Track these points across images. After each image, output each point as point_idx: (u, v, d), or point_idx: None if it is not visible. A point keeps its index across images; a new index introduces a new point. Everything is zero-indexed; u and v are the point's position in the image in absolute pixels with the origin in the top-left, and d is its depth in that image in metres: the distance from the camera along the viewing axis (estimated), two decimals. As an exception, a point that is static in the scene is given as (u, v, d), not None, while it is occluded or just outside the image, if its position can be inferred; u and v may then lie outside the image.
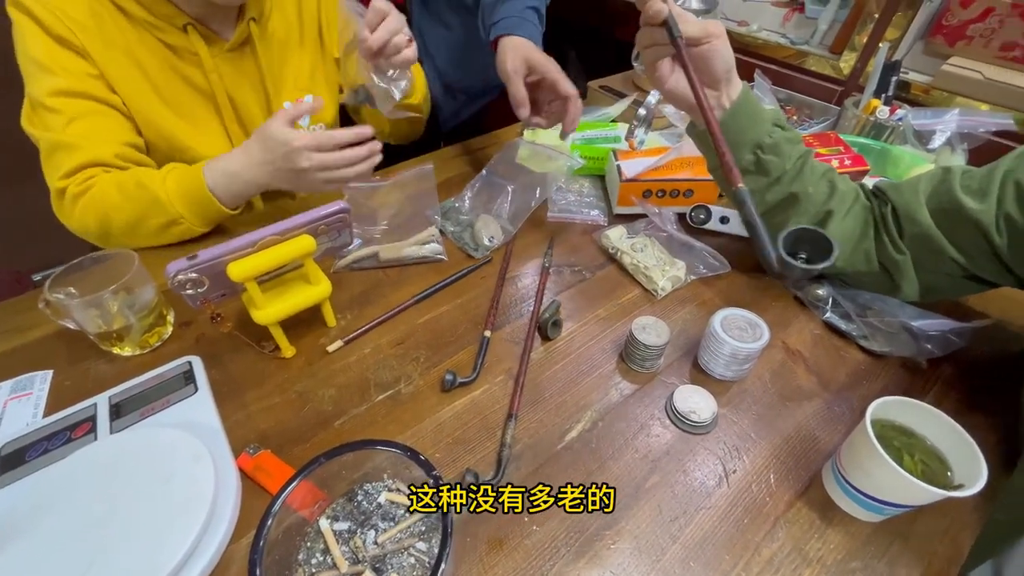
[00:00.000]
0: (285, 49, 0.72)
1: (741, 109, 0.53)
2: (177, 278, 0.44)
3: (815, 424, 0.49)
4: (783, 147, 0.54)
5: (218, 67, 0.66)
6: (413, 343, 0.56)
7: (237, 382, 0.52)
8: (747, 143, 0.54)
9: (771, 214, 0.57)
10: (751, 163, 0.55)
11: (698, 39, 0.49)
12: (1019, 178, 0.46)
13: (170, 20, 0.61)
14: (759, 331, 0.50)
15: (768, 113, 0.54)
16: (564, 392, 0.51)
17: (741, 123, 0.53)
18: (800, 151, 0.55)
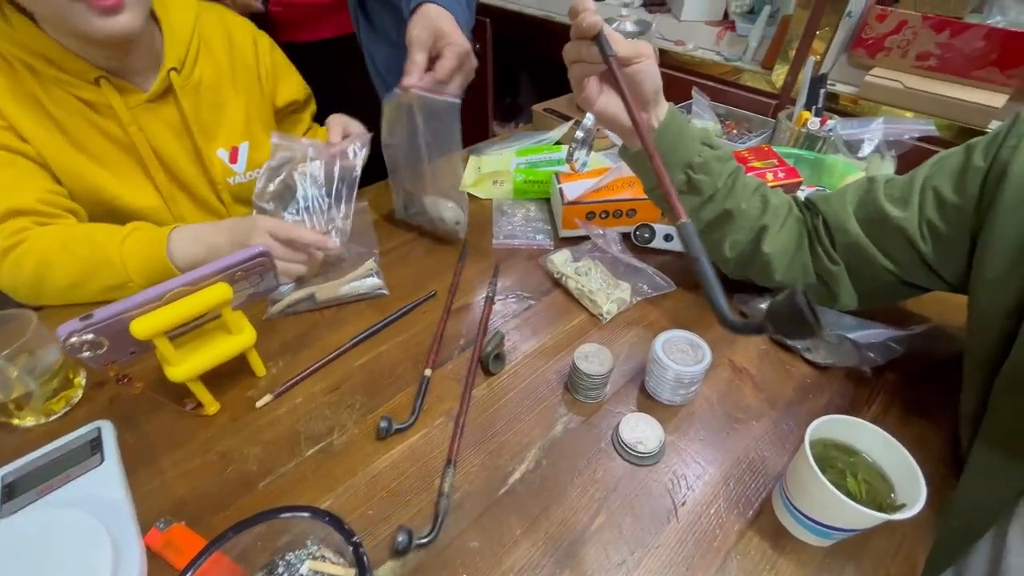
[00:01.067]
0: (216, 95, 0.69)
1: (669, 129, 0.53)
2: (70, 341, 0.40)
3: (763, 445, 0.48)
4: (713, 165, 0.54)
5: (137, 119, 0.63)
6: (349, 388, 0.53)
7: (154, 446, 0.47)
8: (677, 163, 0.54)
9: (707, 231, 0.57)
10: (683, 183, 0.55)
11: (629, 59, 0.47)
12: (936, 185, 0.47)
13: (81, 75, 0.58)
14: (701, 352, 0.49)
15: (696, 132, 0.54)
16: (507, 430, 0.49)
17: (670, 143, 0.53)
18: (731, 168, 0.55)
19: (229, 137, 0.72)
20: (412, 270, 0.68)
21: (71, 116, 0.60)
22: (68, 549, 0.37)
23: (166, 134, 0.66)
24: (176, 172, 0.68)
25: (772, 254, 0.55)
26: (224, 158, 0.72)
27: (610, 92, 0.51)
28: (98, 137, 0.62)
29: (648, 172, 0.55)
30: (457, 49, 0.59)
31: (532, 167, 0.83)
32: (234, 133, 0.72)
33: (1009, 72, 0.73)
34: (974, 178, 0.45)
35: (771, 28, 0.95)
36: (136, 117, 0.63)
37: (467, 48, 0.60)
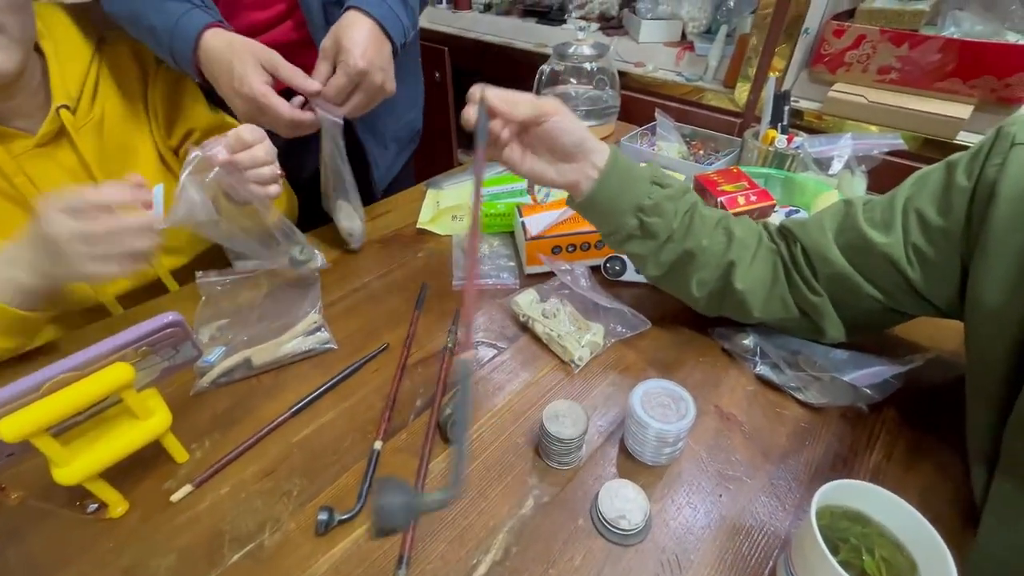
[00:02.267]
0: (123, 134, 0.62)
1: (612, 174, 0.49)
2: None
3: (760, 507, 0.42)
4: (665, 206, 0.50)
5: (23, 168, 0.55)
6: (285, 471, 0.46)
7: (39, 565, 0.39)
8: (627, 208, 0.50)
9: (670, 274, 0.53)
10: (635, 228, 0.51)
11: (534, 119, 0.47)
12: (919, 206, 0.44)
13: None
14: (684, 405, 0.44)
15: (644, 172, 0.51)
16: (470, 511, 0.42)
17: (615, 189, 0.49)
18: (686, 204, 0.51)
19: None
20: (362, 320, 0.62)
21: None
22: None
23: (64, 181, 0.58)
24: None
25: (746, 290, 0.51)
26: None
27: (531, 155, 0.50)
28: None
29: (599, 219, 0.52)
30: (348, 68, 0.56)
31: (494, 199, 0.78)
32: (147, 175, 0.63)
33: (971, 82, 0.72)
34: (959, 199, 0.41)
35: (729, 47, 0.93)
36: (23, 166, 0.55)
37: (360, 67, 0.56)
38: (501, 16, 1.34)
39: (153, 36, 0.57)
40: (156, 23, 0.56)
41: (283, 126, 0.58)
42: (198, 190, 0.49)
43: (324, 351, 0.57)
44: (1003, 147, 0.39)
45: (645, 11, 1.05)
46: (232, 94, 0.57)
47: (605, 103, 0.95)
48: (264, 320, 0.58)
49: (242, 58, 0.55)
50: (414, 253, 0.73)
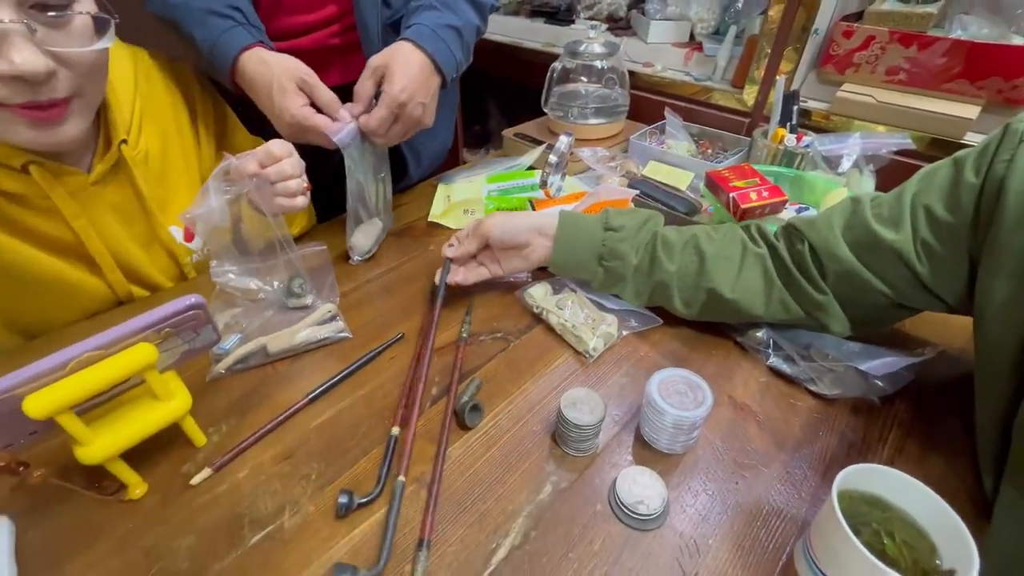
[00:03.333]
0: (162, 166, 0.60)
1: (561, 239, 0.57)
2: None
3: (776, 494, 0.43)
4: (620, 248, 0.55)
5: (83, 208, 0.52)
6: (304, 455, 0.46)
7: (61, 545, 0.39)
8: (587, 260, 0.57)
9: (654, 300, 0.57)
10: (602, 275, 0.57)
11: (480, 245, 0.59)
12: (927, 203, 0.44)
13: (2, 163, 0.47)
14: (701, 393, 0.44)
15: (594, 222, 0.56)
16: (488, 496, 0.42)
17: (569, 248, 0.57)
18: (645, 238, 0.56)
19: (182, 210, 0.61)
20: (376, 312, 0.62)
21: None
22: None
23: (114, 219, 0.56)
24: (127, 262, 0.58)
25: (739, 299, 0.52)
26: (178, 237, 0.62)
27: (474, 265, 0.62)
28: (19, 245, 0.50)
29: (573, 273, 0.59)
30: (388, 100, 0.59)
31: (504, 194, 0.79)
32: (187, 202, 0.62)
33: (979, 83, 0.73)
34: (967, 195, 0.42)
35: (738, 48, 0.94)
36: (82, 205, 0.52)
37: (401, 100, 0.59)
38: (509, 16, 1.35)
39: (193, 45, 0.58)
40: (197, 35, 0.57)
41: (328, 142, 0.60)
42: (219, 195, 0.50)
43: (339, 340, 0.58)
44: (1012, 143, 0.40)
45: (654, 12, 1.06)
46: (275, 119, 0.60)
47: (614, 101, 0.96)
48: (276, 313, 0.59)
49: (281, 83, 0.57)
50: (426, 246, 0.74)
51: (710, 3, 1.02)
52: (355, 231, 0.69)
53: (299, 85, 0.58)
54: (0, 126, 0.43)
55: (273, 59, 0.58)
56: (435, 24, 0.62)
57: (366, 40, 0.68)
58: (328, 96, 0.59)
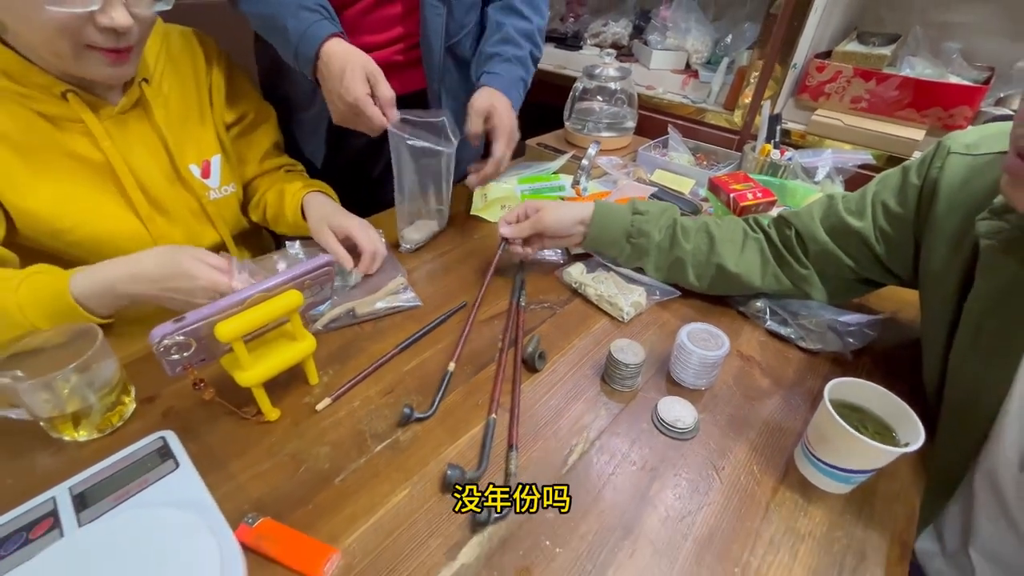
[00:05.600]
0: (183, 110, 0.69)
1: (597, 221, 0.69)
2: (163, 343, 0.42)
3: (779, 417, 0.55)
4: (646, 228, 0.68)
5: (109, 133, 0.61)
6: (403, 390, 0.56)
7: (218, 453, 0.48)
8: (617, 237, 0.69)
9: (670, 274, 0.70)
10: (629, 250, 0.69)
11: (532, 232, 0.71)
12: (883, 199, 0.59)
13: (46, 89, 0.56)
14: (720, 340, 0.57)
15: (623, 209, 0.69)
16: (557, 419, 0.54)
17: (603, 228, 0.69)
18: (667, 222, 0.68)
19: (200, 151, 0.71)
20: (437, 287, 0.73)
21: (28, 134, 0.57)
22: (169, 543, 0.38)
23: (139, 150, 0.64)
24: (153, 193, 0.66)
25: (742, 273, 0.65)
26: (196, 173, 0.70)
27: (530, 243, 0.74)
28: (62, 158, 0.59)
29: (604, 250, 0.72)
30: (506, 133, 0.77)
31: (536, 193, 0.91)
32: (205, 146, 0.71)
33: (924, 112, 0.90)
34: (912, 193, 0.56)
35: (729, 76, 1.10)
36: (108, 131, 0.61)
37: (514, 129, 0.78)
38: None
39: (284, 35, 0.68)
40: (290, 26, 0.67)
41: (371, 130, 0.70)
42: None
43: (412, 307, 0.68)
44: (942, 155, 0.54)
45: (655, 43, 1.22)
46: (335, 95, 0.68)
47: (623, 118, 1.10)
48: (357, 281, 0.69)
49: (353, 68, 0.65)
50: (471, 235, 0.85)
51: (703, 37, 1.19)
52: (404, 226, 0.79)
53: (367, 76, 0.66)
54: (88, 63, 0.55)
55: (351, 48, 0.67)
56: (513, 77, 0.80)
57: (428, 61, 0.80)
58: (388, 93, 0.68)
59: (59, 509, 0.41)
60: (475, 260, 0.79)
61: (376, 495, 0.45)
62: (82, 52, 0.53)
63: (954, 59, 0.98)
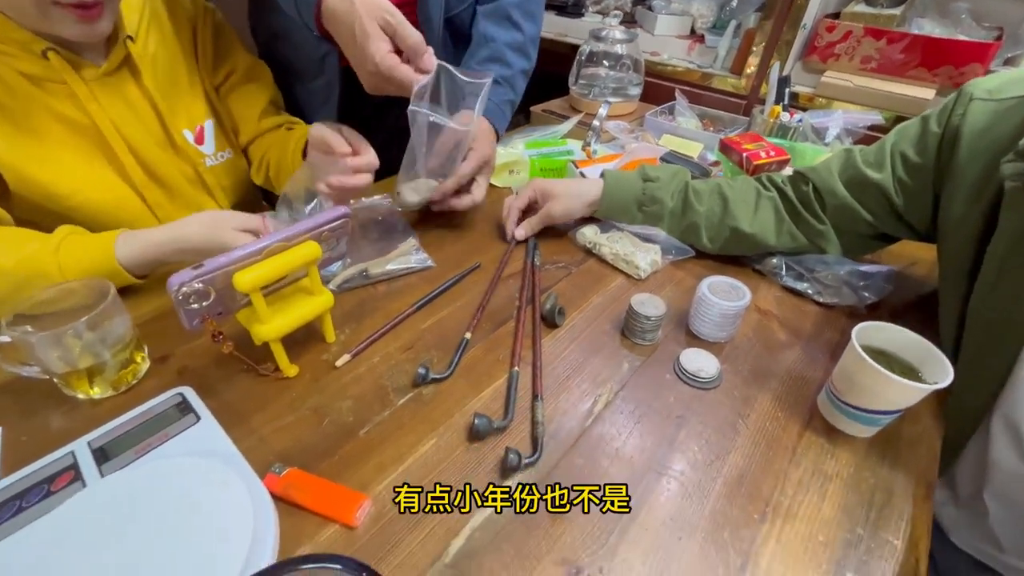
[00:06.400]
0: (171, 71, 0.65)
1: (608, 194, 0.69)
2: (182, 290, 0.41)
3: (799, 367, 0.55)
4: (658, 194, 0.67)
5: (95, 95, 0.58)
6: (423, 346, 0.55)
7: (238, 408, 0.48)
8: (628, 206, 0.68)
9: (684, 237, 0.69)
10: (641, 219, 0.69)
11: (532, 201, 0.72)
12: (903, 150, 0.58)
13: (26, 47, 0.53)
14: (740, 292, 0.56)
15: (633, 176, 0.68)
16: (580, 372, 0.53)
17: (615, 200, 0.69)
18: (678, 186, 0.68)
19: (191, 116, 0.67)
20: (448, 250, 0.72)
21: (12, 95, 0.54)
22: (198, 491, 0.37)
23: (127, 115, 0.61)
24: (147, 160, 0.63)
25: (757, 232, 0.65)
26: (190, 139, 0.67)
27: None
28: (50, 121, 0.56)
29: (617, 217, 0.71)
30: (478, 157, 0.71)
31: (545, 157, 0.90)
32: (196, 110, 0.68)
33: (934, 71, 0.89)
34: (932, 142, 0.56)
35: (736, 40, 1.08)
36: (94, 93, 0.57)
37: (490, 157, 0.73)
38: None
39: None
40: None
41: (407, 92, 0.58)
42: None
43: (425, 268, 0.67)
44: (964, 102, 0.53)
45: (660, 7, 1.20)
46: (358, 67, 0.58)
47: (630, 84, 1.09)
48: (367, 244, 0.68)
49: (363, 27, 0.54)
50: (480, 199, 0.84)
51: (709, 1, 1.17)
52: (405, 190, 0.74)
53: (381, 25, 0.55)
54: (55, 21, 0.51)
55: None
56: (500, 101, 0.77)
57: (428, 31, 0.76)
58: (414, 37, 0.55)
59: (79, 462, 0.41)
60: (484, 224, 0.78)
61: (403, 445, 0.45)
62: (48, 9, 0.50)
63: (963, 19, 0.97)
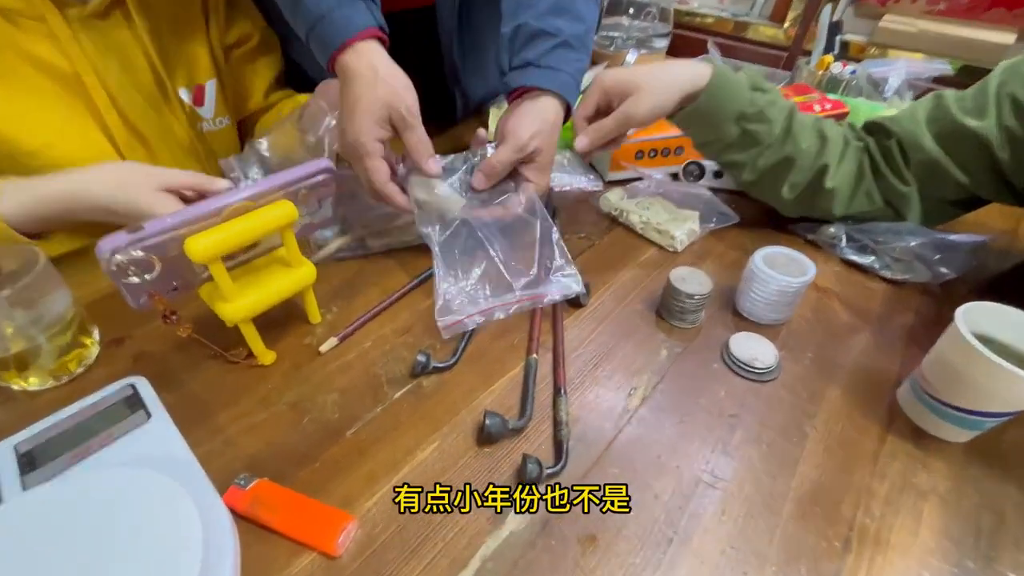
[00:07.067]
0: (172, 20, 0.56)
1: (714, 87, 0.50)
2: (116, 259, 0.32)
3: (870, 356, 0.46)
4: (768, 112, 0.52)
5: (78, 38, 0.50)
6: (421, 329, 0.47)
7: (202, 403, 0.40)
8: (728, 117, 0.52)
9: (764, 179, 0.56)
10: (736, 136, 0.53)
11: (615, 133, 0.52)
12: (1013, 91, 0.48)
13: None
14: (802, 265, 0.47)
15: (743, 80, 0.52)
16: (610, 359, 0.45)
17: (718, 101, 0.51)
18: (786, 110, 0.54)
19: (191, 73, 0.58)
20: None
21: None
22: (138, 511, 0.29)
23: (114, 64, 0.53)
24: (133, 117, 0.55)
25: (836, 188, 0.55)
26: (186, 99, 0.59)
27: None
28: (22, 64, 0.48)
29: (700, 129, 0.54)
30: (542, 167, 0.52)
31: (562, 115, 0.79)
32: (199, 68, 0.59)
33: (1016, 10, 0.77)
34: None
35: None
36: (77, 35, 0.49)
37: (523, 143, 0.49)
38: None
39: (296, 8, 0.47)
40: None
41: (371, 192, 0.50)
42: None
43: (427, 238, 0.58)
44: None
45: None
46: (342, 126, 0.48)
47: (655, 33, 0.97)
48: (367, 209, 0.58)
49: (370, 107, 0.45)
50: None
51: (745, -60, 1.04)
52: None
53: (394, 120, 0.46)
54: None
55: (382, 68, 0.45)
56: (575, 71, 0.53)
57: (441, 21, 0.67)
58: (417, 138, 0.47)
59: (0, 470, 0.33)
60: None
61: (399, 450, 0.37)
62: None
63: (1045, -46, 0.84)
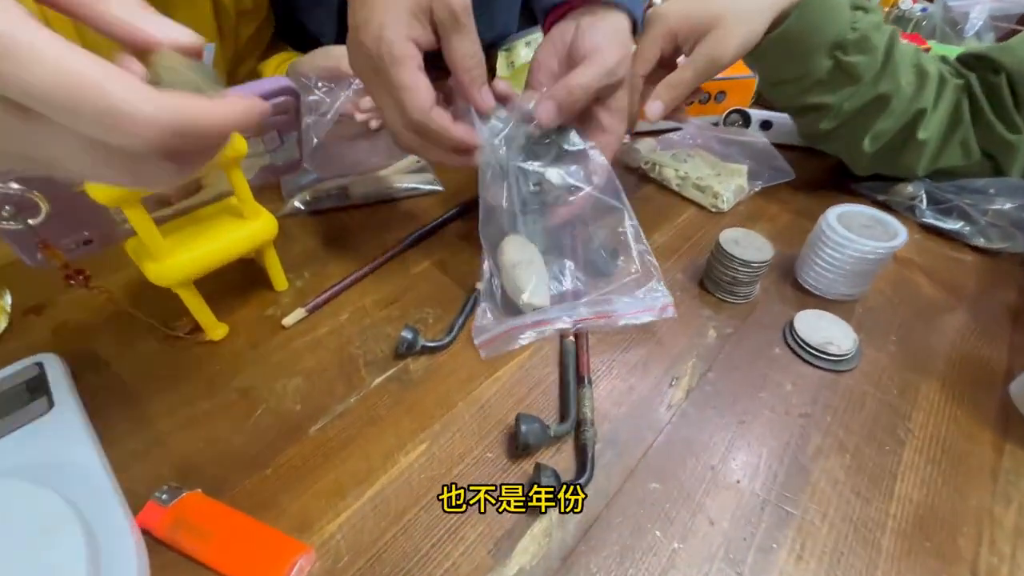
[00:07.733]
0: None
1: (807, 5, 0.39)
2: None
3: (971, 342, 0.37)
4: (872, 38, 0.41)
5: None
6: (413, 300, 0.38)
7: (131, 388, 0.31)
8: (821, 46, 0.41)
9: (844, 127, 0.46)
10: (827, 71, 0.42)
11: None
12: None
13: None
14: (888, 227, 0.38)
15: (839, 3, 0.41)
16: (646, 341, 0.36)
17: (812, 25, 0.40)
18: (888, 36, 0.42)
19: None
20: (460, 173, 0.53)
21: None
22: (11, 538, 0.21)
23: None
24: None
25: (927, 140, 0.45)
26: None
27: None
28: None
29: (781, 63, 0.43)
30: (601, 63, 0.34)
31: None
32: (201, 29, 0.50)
33: None
34: None
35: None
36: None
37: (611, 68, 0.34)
38: None
39: None
40: None
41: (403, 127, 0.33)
42: None
43: (429, 192, 0.49)
44: None
45: None
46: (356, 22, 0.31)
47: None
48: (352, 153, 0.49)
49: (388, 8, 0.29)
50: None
51: None
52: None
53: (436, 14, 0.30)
54: None
55: None
56: None
57: None
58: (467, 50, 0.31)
59: None
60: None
61: (374, 454, 0.28)
62: None
63: None
